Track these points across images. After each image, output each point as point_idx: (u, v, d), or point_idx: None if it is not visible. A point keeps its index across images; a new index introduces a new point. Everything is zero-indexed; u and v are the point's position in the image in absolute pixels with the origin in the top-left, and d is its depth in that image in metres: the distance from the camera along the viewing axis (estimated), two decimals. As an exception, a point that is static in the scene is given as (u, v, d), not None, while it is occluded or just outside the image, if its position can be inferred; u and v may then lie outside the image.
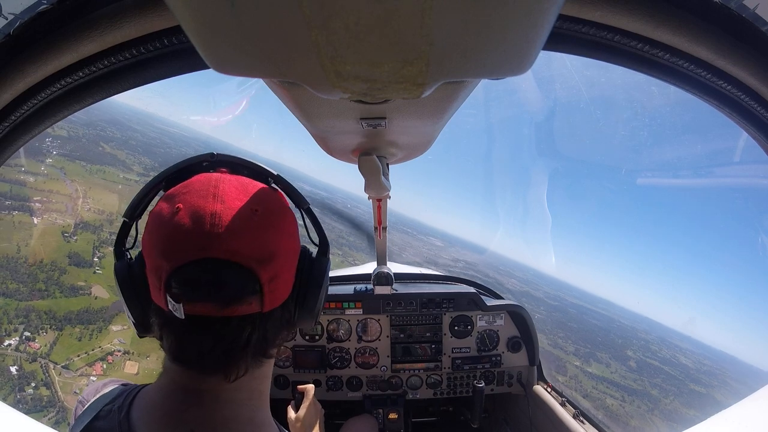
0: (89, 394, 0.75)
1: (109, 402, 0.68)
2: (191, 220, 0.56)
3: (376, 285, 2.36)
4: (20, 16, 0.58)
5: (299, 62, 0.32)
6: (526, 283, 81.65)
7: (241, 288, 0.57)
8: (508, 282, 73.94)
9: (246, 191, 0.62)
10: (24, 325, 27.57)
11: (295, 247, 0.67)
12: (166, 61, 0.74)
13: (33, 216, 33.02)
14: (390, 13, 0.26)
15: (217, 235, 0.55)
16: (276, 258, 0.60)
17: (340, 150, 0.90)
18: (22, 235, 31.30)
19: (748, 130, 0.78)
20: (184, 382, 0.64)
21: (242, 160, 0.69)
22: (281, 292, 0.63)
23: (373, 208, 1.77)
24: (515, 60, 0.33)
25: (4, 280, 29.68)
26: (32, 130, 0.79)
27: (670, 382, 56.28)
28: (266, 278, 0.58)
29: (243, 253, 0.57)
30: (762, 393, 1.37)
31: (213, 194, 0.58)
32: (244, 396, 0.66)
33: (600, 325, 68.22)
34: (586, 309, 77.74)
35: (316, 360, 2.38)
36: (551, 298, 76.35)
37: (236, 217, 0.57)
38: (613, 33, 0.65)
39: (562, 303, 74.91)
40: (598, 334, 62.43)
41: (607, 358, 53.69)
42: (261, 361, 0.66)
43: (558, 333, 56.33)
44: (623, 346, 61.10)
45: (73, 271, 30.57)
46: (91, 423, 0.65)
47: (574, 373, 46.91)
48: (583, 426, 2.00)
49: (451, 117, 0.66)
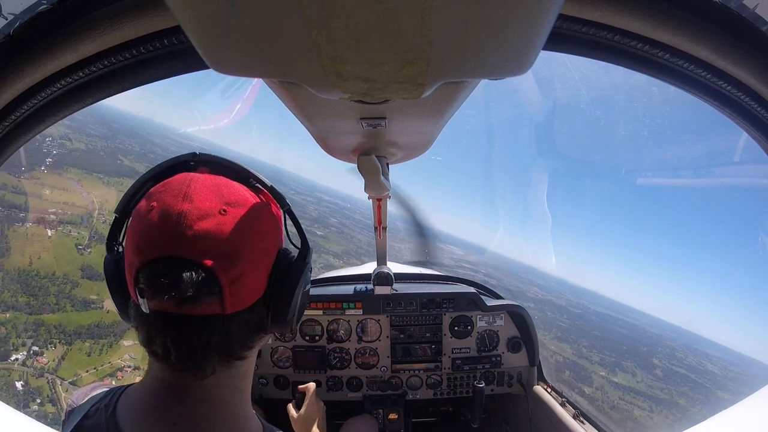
0: (79, 397, 0.76)
1: (97, 402, 0.70)
2: (160, 219, 0.58)
3: (376, 285, 2.36)
4: (20, 16, 0.58)
5: (299, 62, 0.32)
6: (548, 291, 79.63)
7: (197, 288, 0.56)
8: (530, 290, 72.06)
9: (218, 191, 0.62)
10: (33, 339, 26.67)
11: (268, 248, 0.65)
12: (166, 61, 0.74)
13: (47, 228, 32.41)
14: (390, 13, 0.26)
15: (181, 234, 0.57)
16: (241, 259, 0.59)
17: (340, 150, 0.90)
18: (36, 247, 30.78)
19: (748, 130, 0.78)
20: (166, 378, 0.65)
21: (224, 160, 0.68)
22: (247, 294, 0.62)
23: (373, 208, 1.77)
24: (515, 60, 0.33)
25: (15, 293, 29.08)
26: (32, 130, 0.79)
27: (697, 390, 55.16)
28: (227, 280, 0.58)
29: (204, 253, 0.57)
30: (762, 393, 1.37)
31: (184, 194, 0.60)
32: (224, 393, 0.67)
33: (625, 333, 66.76)
34: (609, 317, 76.12)
35: (316, 360, 2.38)
36: (574, 305, 74.30)
37: (202, 216, 0.58)
38: (613, 33, 0.65)
39: (586, 311, 72.98)
40: (623, 342, 61.09)
41: (633, 367, 52.63)
42: (229, 362, 0.65)
43: (582, 342, 55.18)
44: (649, 354, 59.77)
45: (86, 284, 29.72)
46: (80, 423, 0.67)
47: (600, 383, 46.03)
48: (583, 426, 2.00)
49: (451, 117, 0.66)
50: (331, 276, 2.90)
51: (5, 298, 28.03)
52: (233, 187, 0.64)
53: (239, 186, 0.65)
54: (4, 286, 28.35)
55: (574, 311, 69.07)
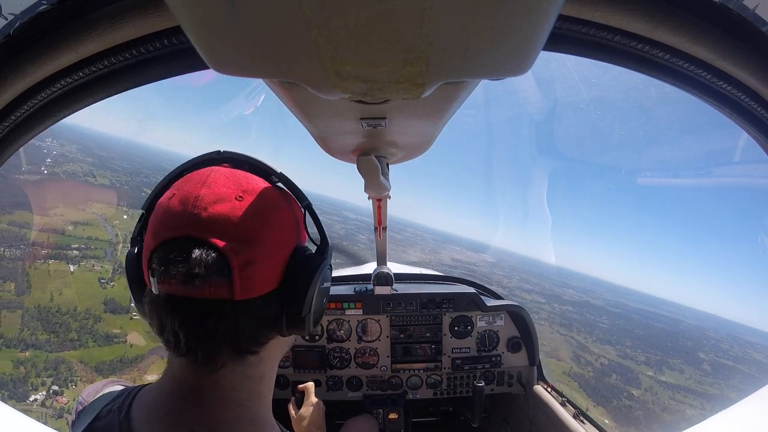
0: (89, 394, 0.75)
1: (109, 402, 0.68)
2: (178, 204, 0.59)
3: (376, 285, 2.36)
4: (20, 17, 0.58)
5: (299, 62, 0.32)
6: (584, 292, 77.96)
7: (206, 266, 0.56)
8: (565, 293, 70.84)
9: (236, 180, 0.62)
10: (53, 378, 25.00)
11: (284, 240, 0.64)
12: (166, 61, 0.74)
13: (69, 264, 31.47)
14: (390, 13, 0.26)
15: (195, 216, 0.58)
16: (253, 244, 0.59)
17: (340, 150, 0.90)
18: (57, 283, 29.79)
19: (748, 130, 0.78)
20: (182, 378, 0.64)
21: (246, 157, 0.70)
22: (258, 283, 0.60)
23: (373, 208, 1.77)
24: (515, 60, 0.33)
25: (35, 331, 27.43)
26: (32, 130, 0.79)
27: (746, 382, 53.49)
28: (238, 262, 0.57)
29: (216, 233, 0.57)
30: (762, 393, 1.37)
31: (203, 182, 0.61)
32: (242, 396, 0.66)
33: (667, 329, 65.24)
34: (648, 313, 74.15)
35: (316, 360, 2.38)
36: (612, 305, 72.48)
37: (218, 200, 0.59)
38: (613, 33, 0.65)
39: (625, 309, 71.24)
40: (667, 339, 59.71)
41: (680, 364, 51.53)
42: (241, 356, 0.64)
43: (625, 342, 53.78)
44: (694, 349, 58.48)
45: (109, 318, 28.41)
46: (91, 423, 0.65)
47: (648, 384, 44.71)
48: (583, 426, 2.00)
49: (451, 117, 0.66)
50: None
51: (25, 337, 26.76)
52: (252, 178, 0.65)
53: (259, 179, 0.66)
54: (24, 324, 27.19)
55: (613, 311, 67.36)
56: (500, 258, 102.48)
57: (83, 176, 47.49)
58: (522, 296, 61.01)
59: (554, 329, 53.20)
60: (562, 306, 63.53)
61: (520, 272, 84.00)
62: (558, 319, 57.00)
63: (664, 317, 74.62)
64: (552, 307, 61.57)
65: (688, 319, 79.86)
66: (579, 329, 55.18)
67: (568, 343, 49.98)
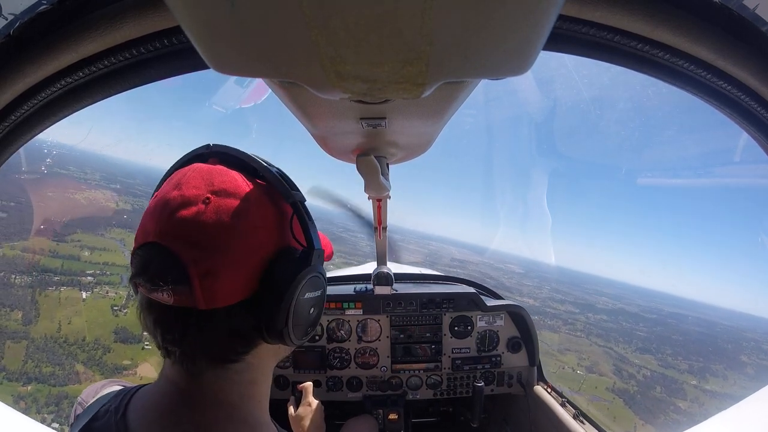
0: (88, 395, 0.75)
1: (107, 403, 0.68)
2: (153, 207, 0.60)
3: (376, 285, 2.36)
4: (20, 17, 0.58)
5: (299, 62, 0.32)
6: (617, 299, 75.23)
7: (163, 275, 0.55)
8: (599, 301, 68.49)
9: (209, 181, 0.59)
10: (53, 415, 22.24)
11: (257, 245, 0.59)
12: (166, 61, 0.74)
13: (82, 291, 29.76)
14: (390, 13, 0.26)
15: (162, 221, 0.57)
16: (216, 253, 0.56)
17: (340, 150, 0.90)
18: (67, 312, 27.64)
19: (748, 130, 0.78)
20: (174, 380, 0.64)
21: (235, 150, 0.66)
22: (226, 293, 0.57)
23: (373, 208, 1.77)
24: (515, 60, 0.32)
25: (39, 363, 25.24)
26: (32, 130, 0.79)
27: None
28: (197, 272, 0.55)
29: (177, 242, 0.56)
30: (762, 393, 1.37)
31: (178, 183, 0.60)
32: (234, 399, 0.65)
33: (704, 332, 63.04)
34: (683, 316, 72.08)
35: (316, 360, 2.38)
36: (646, 311, 70.51)
37: (184, 204, 0.57)
38: (613, 33, 0.65)
39: (660, 314, 69.26)
40: (707, 344, 57.57)
41: (723, 370, 49.83)
42: (223, 366, 0.63)
43: (665, 350, 51.90)
44: (735, 352, 56.74)
45: (119, 349, 26.18)
46: (88, 424, 0.65)
47: (694, 395, 43.09)
48: (583, 426, 2.00)
49: (451, 117, 0.66)
50: (331, 276, 2.90)
51: (28, 370, 24.81)
52: (228, 176, 0.61)
53: (236, 175, 0.62)
54: (29, 355, 25.35)
55: (649, 317, 65.61)
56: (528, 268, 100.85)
57: (104, 201, 47.21)
58: (555, 307, 59.43)
59: (592, 341, 51.41)
60: (596, 315, 61.09)
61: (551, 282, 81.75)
62: (594, 329, 55.03)
63: (700, 320, 72.22)
64: (586, 317, 59.47)
65: (724, 321, 76.94)
66: (617, 339, 53.31)
67: (608, 355, 48.50)
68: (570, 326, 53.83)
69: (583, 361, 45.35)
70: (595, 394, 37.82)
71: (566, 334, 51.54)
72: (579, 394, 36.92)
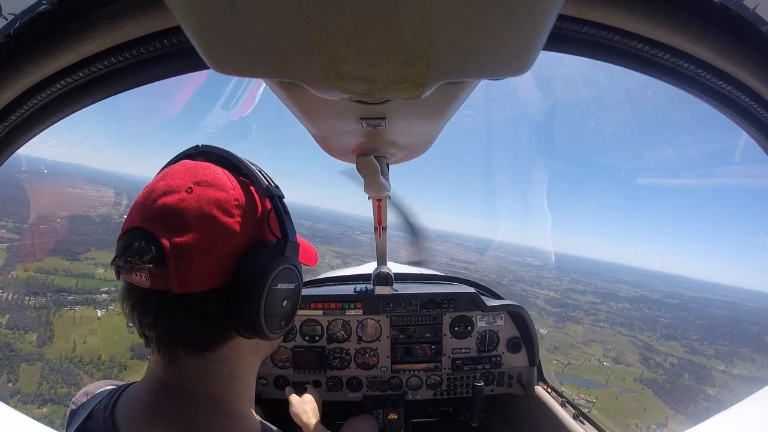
0: (82, 395, 0.77)
1: (100, 402, 0.70)
2: (141, 196, 0.63)
3: (376, 285, 2.36)
4: (20, 16, 0.58)
5: (299, 62, 0.32)
6: (638, 286, 73.81)
7: (140, 252, 0.58)
8: (620, 289, 67.19)
9: (193, 173, 0.62)
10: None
11: (232, 234, 0.61)
12: (166, 61, 0.74)
13: (97, 309, 29.08)
14: (390, 13, 0.26)
15: (146, 207, 0.61)
16: (191, 234, 0.58)
17: (340, 150, 0.90)
18: (82, 331, 27.16)
19: (748, 130, 0.78)
20: (157, 374, 0.66)
21: (221, 150, 0.69)
22: (200, 276, 0.59)
23: (373, 208, 1.77)
24: (515, 60, 0.32)
25: (54, 384, 24.63)
26: (32, 130, 0.80)
27: None
28: (173, 253, 0.57)
29: (157, 225, 0.59)
30: (762, 393, 1.37)
31: (164, 174, 0.63)
32: (213, 391, 0.66)
33: (728, 315, 61.19)
34: (706, 300, 70.13)
35: (315, 360, 2.37)
36: (669, 296, 68.50)
37: (168, 192, 0.60)
38: (613, 33, 0.65)
39: (682, 299, 67.38)
40: (732, 327, 55.74)
41: (750, 353, 48.37)
42: (197, 352, 0.64)
43: (691, 336, 50.58)
44: (760, 334, 54.67)
45: (135, 366, 25.81)
46: (83, 423, 0.67)
47: (722, 380, 42.02)
48: (582, 426, 2.00)
49: (451, 117, 0.66)
50: (331, 276, 2.90)
51: (43, 391, 24.28)
52: (211, 169, 0.64)
53: (220, 170, 0.65)
54: (43, 377, 24.91)
55: (672, 302, 63.87)
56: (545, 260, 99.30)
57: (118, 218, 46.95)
58: (576, 298, 58.16)
59: (616, 330, 50.17)
60: (618, 304, 59.60)
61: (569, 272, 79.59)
62: (617, 318, 53.67)
63: (722, 302, 70.23)
64: (608, 306, 58.14)
65: (747, 302, 74.67)
66: (641, 327, 51.84)
67: (633, 344, 47.37)
68: (593, 317, 52.67)
69: (608, 352, 44.16)
70: (623, 385, 36.84)
71: (590, 325, 50.40)
72: (607, 387, 35.91)
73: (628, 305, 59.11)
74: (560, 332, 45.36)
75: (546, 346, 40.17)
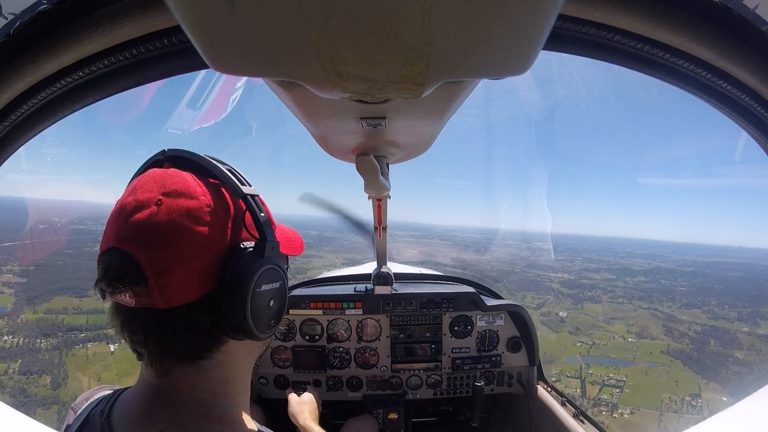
0: (81, 401, 0.77)
1: (96, 406, 0.70)
2: (113, 215, 0.62)
3: (376, 285, 2.36)
4: (20, 16, 0.58)
5: (299, 62, 0.32)
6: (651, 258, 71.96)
7: (119, 275, 0.58)
8: (633, 263, 65.72)
9: (162, 183, 0.61)
10: None
11: (208, 242, 0.60)
12: (166, 61, 0.74)
13: (109, 344, 28.04)
14: (390, 13, 0.26)
15: (119, 226, 0.59)
16: (167, 249, 0.57)
17: (340, 150, 0.90)
18: (96, 368, 26.21)
19: (748, 130, 0.78)
20: (150, 381, 0.66)
21: (188, 153, 0.66)
22: (179, 290, 0.58)
23: (373, 208, 1.77)
24: (515, 60, 0.33)
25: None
26: (32, 130, 0.80)
27: None
28: (152, 271, 0.56)
29: (132, 244, 0.58)
30: (762, 393, 1.37)
31: (133, 189, 0.62)
32: (206, 397, 0.66)
33: (745, 276, 60.11)
34: (720, 264, 68.83)
35: (316, 360, 2.38)
36: (682, 264, 67.41)
37: (138, 208, 0.59)
38: (613, 33, 0.65)
39: (696, 266, 65.98)
40: (750, 288, 54.49)
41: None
42: (190, 361, 0.64)
43: (711, 302, 48.77)
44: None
45: None
46: (80, 428, 0.67)
47: (749, 342, 40.13)
48: (583, 426, 2.00)
49: (451, 117, 0.66)
50: (331, 276, 2.90)
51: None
52: (179, 177, 0.62)
53: (188, 176, 0.63)
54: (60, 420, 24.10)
55: (687, 270, 62.76)
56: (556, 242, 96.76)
57: None
58: (591, 277, 56.97)
59: (636, 305, 49.06)
60: (633, 278, 58.21)
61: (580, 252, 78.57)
62: (635, 293, 52.58)
63: (737, 264, 69.28)
64: (624, 281, 56.95)
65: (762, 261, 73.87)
66: (660, 299, 50.44)
67: (655, 316, 46.28)
68: (610, 294, 51.60)
69: (631, 327, 43.16)
70: (651, 359, 35.98)
71: (608, 302, 49.38)
72: (635, 363, 35.04)
73: (644, 278, 57.95)
74: (580, 313, 44.32)
75: (568, 329, 39.32)
